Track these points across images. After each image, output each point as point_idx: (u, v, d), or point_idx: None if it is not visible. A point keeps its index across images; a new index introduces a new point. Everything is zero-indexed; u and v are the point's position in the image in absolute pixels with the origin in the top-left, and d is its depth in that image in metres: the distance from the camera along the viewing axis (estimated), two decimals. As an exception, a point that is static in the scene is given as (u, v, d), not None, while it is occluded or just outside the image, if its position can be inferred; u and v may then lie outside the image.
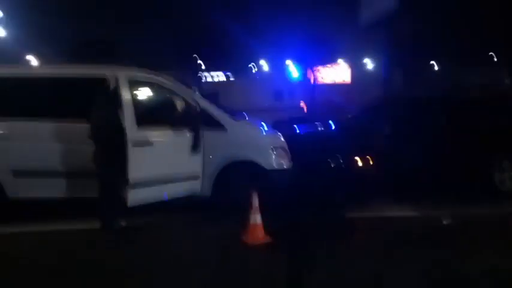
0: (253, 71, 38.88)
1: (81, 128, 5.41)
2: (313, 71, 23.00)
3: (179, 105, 5.95)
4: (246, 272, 4.43)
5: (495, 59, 32.66)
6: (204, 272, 4.37)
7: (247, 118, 6.92)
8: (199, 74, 28.59)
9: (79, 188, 5.66)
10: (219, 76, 31.76)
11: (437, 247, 4.92)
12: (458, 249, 4.85)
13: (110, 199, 5.42)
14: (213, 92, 13.81)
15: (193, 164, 5.95)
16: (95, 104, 5.35)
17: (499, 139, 6.88)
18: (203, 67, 34.21)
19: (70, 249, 4.96)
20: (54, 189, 5.74)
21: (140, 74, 5.96)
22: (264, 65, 37.91)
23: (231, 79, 17.34)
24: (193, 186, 6.00)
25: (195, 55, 32.82)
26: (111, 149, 5.36)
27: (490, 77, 28.91)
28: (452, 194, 6.62)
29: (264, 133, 6.59)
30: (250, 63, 37.29)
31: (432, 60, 35.14)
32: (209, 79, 30.44)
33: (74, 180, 5.69)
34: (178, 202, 6.00)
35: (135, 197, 5.50)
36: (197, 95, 6.14)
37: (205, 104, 6.11)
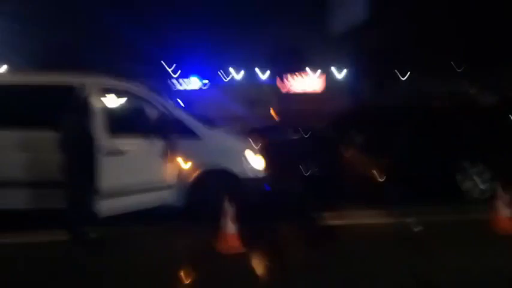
0: (224, 79, 38.95)
1: (49, 136, 5.27)
2: (284, 80, 23.20)
3: (151, 113, 5.90)
4: (220, 281, 4.42)
5: (458, 70, 33.81)
6: (178, 283, 4.33)
7: (220, 126, 6.91)
8: (169, 82, 28.39)
9: (47, 198, 5.50)
10: (189, 83, 31.60)
11: (405, 250, 5.05)
12: (425, 253, 4.99)
13: (80, 210, 5.29)
14: (184, 99, 13.70)
15: (167, 173, 5.90)
16: (65, 113, 5.24)
17: (462, 144, 7.10)
18: (173, 75, 33.99)
19: (38, 263, 4.82)
20: (21, 200, 5.57)
21: (111, 82, 5.88)
22: (234, 73, 38.02)
23: (203, 87, 17.27)
24: (166, 196, 5.94)
25: (162, 61, 32.54)
26: (81, 159, 5.25)
27: (452, 87, 29.90)
28: (420, 198, 6.78)
29: (238, 141, 6.60)
30: (219, 71, 37.31)
31: (398, 69, 36.02)
32: (179, 87, 30.25)
33: (42, 191, 5.53)
34: (151, 212, 5.92)
35: (106, 207, 5.41)
36: (170, 104, 6.10)
37: (178, 112, 6.08)
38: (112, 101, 5.89)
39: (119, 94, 5.97)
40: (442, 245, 5.24)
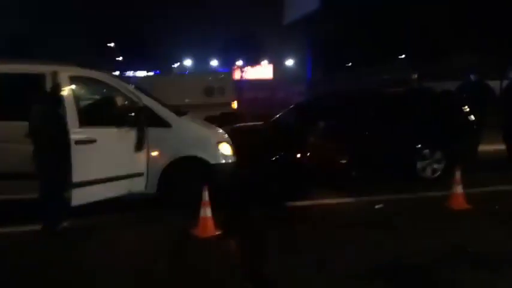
0: (177, 70, 38.54)
1: (19, 126, 5.16)
2: (240, 69, 23.34)
3: (122, 102, 5.87)
4: (199, 264, 4.54)
5: (401, 56, 35.24)
6: (157, 268, 4.41)
7: (189, 114, 6.95)
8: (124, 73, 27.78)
9: (18, 189, 5.38)
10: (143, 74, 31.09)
11: (371, 229, 5.40)
12: (389, 229, 5.37)
13: (52, 199, 5.23)
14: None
15: (138, 161, 5.90)
16: (35, 102, 5.14)
17: (419, 130, 7.57)
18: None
19: (11, 253, 4.75)
20: None
21: (82, 71, 5.78)
22: (189, 63, 37.72)
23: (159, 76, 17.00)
24: (138, 184, 5.94)
25: (111, 45, 31.75)
26: (52, 148, 5.18)
27: (399, 74, 31.23)
28: (381, 182, 7.22)
29: (207, 128, 6.70)
30: (175, 62, 36.93)
31: (349, 59, 37.05)
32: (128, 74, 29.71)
33: (12, 181, 5.40)
34: (123, 201, 5.93)
35: (78, 196, 5.35)
36: (139, 92, 6.09)
37: (148, 100, 6.07)
38: (84, 90, 5.81)
39: (91, 83, 5.89)
40: (404, 221, 5.65)
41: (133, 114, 5.84)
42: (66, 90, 5.34)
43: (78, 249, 4.92)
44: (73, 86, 5.45)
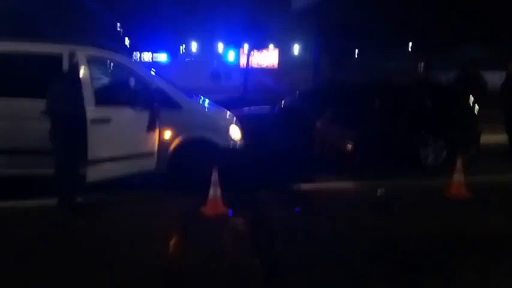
0: (183, 53, 38.48)
1: (37, 104, 5.34)
2: (247, 55, 23.34)
3: (136, 83, 6.04)
4: (210, 240, 4.75)
5: (409, 48, 35.17)
6: (168, 244, 4.61)
7: (200, 97, 7.11)
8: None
9: (36, 164, 5.60)
10: (148, 57, 31.10)
11: (373, 212, 5.62)
12: (391, 214, 5.58)
13: (68, 176, 5.44)
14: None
15: (149, 141, 6.08)
16: (53, 81, 5.31)
17: (423, 119, 7.73)
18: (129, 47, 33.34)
19: (31, 227, 4.95)
20: (10, 166, 5.63)
21: (98, 51, 5.94)
22: (195, 47, 37.67)
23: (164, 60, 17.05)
24: (148, 163, 6.12)
25: (120, 30, 31.75)
26: (69, 126, 5.37)
27: (406, 64, 31.21)
28: (386, 169, 7.40)
29: (217, 111, 6.87)
30: (181, 45, 36.87)
31: (357, 47, 36.94)
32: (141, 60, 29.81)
33: (31, 157, 5.61)
34: (135, 179, 6.13)
35: (93, 173, 5.56)
36: (152, 73, 6.25)
37: (160, 82, 6.24)
38: (100, 71, 5.98)
39: (107, 64, 6.05)
40: (404, 206, 5.85)
41: (146, 94, 6.00)
42: (83, 70, 5.51)
43: (93, 223, 5.13)
44: (90, 66, 5.61)
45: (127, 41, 34.69)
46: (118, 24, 31.49)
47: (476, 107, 8.17)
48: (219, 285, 3.82)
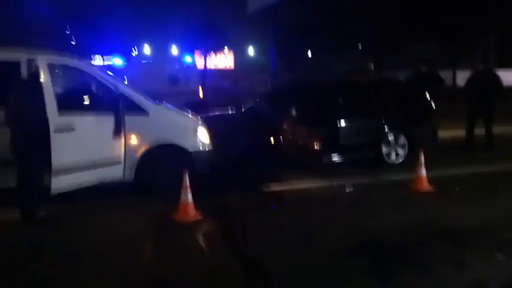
0: (134, 55, 37.74)
1: (-5, 114, 5.09)
2: (204, 57, 23.21)
3: (99, 89, 5.88)
4: (183, 246, 4.68)
5: (360, 48, 36.17)
6: (142, 251, 4.52)
7: (164, 102, 7.00)
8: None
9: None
10: (99, 60, 30.24)
11: (344, 210, 5.74)
12: (361, 210, 5.71)
13: (31, 188, 5.22)
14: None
15: (115, 149, 5.94)
16: (13, 89, 5.08)
17: (384, 116, 7.96)
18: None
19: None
20: None
21: (59, 58, 5.73)
22: (147, 49, 37.05)
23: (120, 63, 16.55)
24: (116, 172, 5.98)
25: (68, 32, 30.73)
26: (30, 136, 5.15)
27: (358, 64, 32.14)
28: (351, 166, 7.57)
29: (184, 116, 6.79)
30: (132, 47, 36.08)
31: (309, 49, 37.61)
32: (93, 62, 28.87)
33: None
34: (101, 188, 5.96)
35: (58, 184, 5.37)
36: (116, 79, 6.09)
37: (124, 88, 6.09)
38: (62, 77, 5.76)
39: (69, 70, 5.84)
40: (373, 202, 6.01)
41: (111, 101, 5.85)
42: (44, 77, 5.30)
43: (58, 236, 4.92)
44: (50, 73, 5.40)
45: (74, 43, 33.51)
46: (67, 27, 30.41)
47: (433, 103, 8.50)
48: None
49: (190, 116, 6.84)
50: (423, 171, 6.47)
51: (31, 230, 5.03)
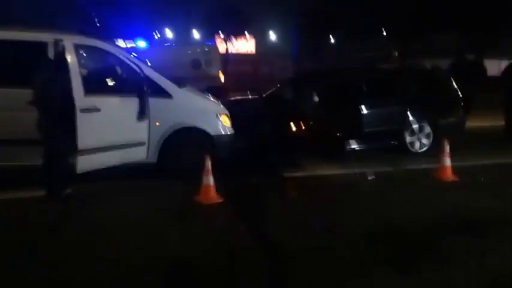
0: (156, 38, 37.81)
1: (24, 94, 5.18)
2: (226, 42, 23.14)
3: (125, 71, 5.92)
4: (206, 227, 4.75)
5: (384, 35, 35.54)
6: (162, 232, 4.57)
7: (187, 86, 7.02)
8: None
9: (24, 156, 5.44)
10: (122, 43, 30.35)
11: (364, 198, 5.71)
12: (382, 198, 5.66)
13: (57, 167, 5.32)
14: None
15: (140, 130, 5.99)
16: (39, 69, 5.16)
17: (410, 105, 7.85)
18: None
19: (20, 219, 4.83)
20: None
21: (86, 39, 5.78)
22: (169, 33, 37.10)
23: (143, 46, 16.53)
24: (140, 153, 6.05)
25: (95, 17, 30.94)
26: (57, 116, 5.23)
27: (380, 52, 31.60)
28: (373, 155, 7.51)
29: (207, 99, 6.81)
30: (154, 32, 36.14)
31: (332, 34, 37.12)
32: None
33: (19, 148, 5.45)
34: (125, 169, 6.04)
35: (83, 163, 5.46)
36: (141, 62, 6.13)
37: (149, 71, 6.13)
38: (88, 59, 5.82)
39: (95, 52, 5.90)
40: (394, 191, 5.95)
41: (136, 83, 5.90)
42: (70, 58, 5.36)
43: (84, 214, 5.03)
44: (77, 54, 5.47)
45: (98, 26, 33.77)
46: (92, 9, 30.62)
47: (460, 93, 8.33)
48: (216, 272, 3.81)
49: (212, 100, 6.86)
50: (447, 161, 6.38)
51: (56, 208, 5.14)
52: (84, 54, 5.69)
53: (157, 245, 4.26)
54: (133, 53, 6.31)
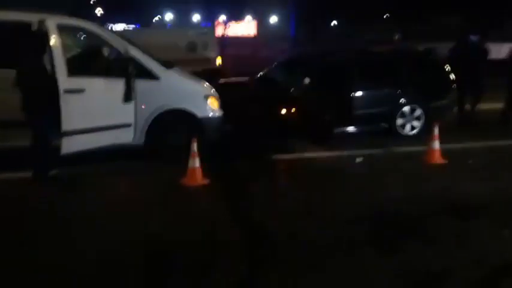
0: (155, 21, 37.58)
1: (6, 74, 5.13)
2: (224, 25, 22.92)
3: (110, 52, 5.85)
4: (190, 209, 4.76)
5: (386, 18, 35.21)
6: (147, 214, 4.57)
7: (175, 67, 6.95)
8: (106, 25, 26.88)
9: (9, 137, 5.43)
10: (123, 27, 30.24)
11: (352, 180, 5.69)
12: (369, 180, 5.65)
13: (42, 148, 5.31)
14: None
15: (126, 112, 5.94)
16: (22, 50, 5.11)
17: (400, 88, 7.78)
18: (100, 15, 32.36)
19: (8, 198, 4.86)
20: None
21: (69, 19, 5.71)
22: (170, 18, 36.85)
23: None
24: (126, 135, 6.00)
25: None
26: (40, 97, 5.20)
27: (381, 33, 31.28)
28: (362, 138, 7.47)
29: (194, 81, 6.75)
30: (156, 16, 35.97)
31: (332, 17, 36.77)
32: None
33: (3, 130, 5.43)
34: (111, 151, 6.01)
35: (67, 145, 5.43)
36: (126, 43, 6.06)
37: (136, 52, 6.05)
38: (72, 40, 5.75)
39: (77, 32, 5.82)
40: (383, 173, 5.94)
41: (121, 65, 5.83)
42: (54, 39, 5.30)
43: (69, 196, 5.04)
44: (60, 35, 5.39)
45: (99, 12, 33.64)
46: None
47: (452, 75, 8.24)
48: (199, 254, 3.81)
49: (200, 82, 6.80)
50: (436, 144, 6.33)
51: (41, 189, 5.14)
52: (68, 35, 5.60)
53: (137, 228, 4.25)
54: (122, 35, 6.21)
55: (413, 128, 7.83)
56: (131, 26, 30.40)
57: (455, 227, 4.35)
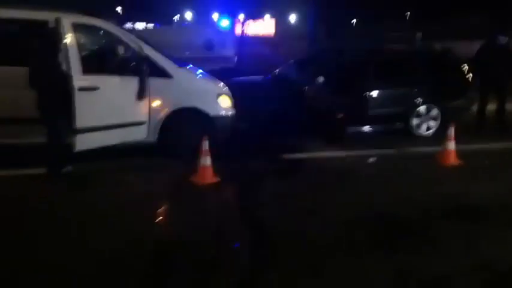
0: (175, 20, 37.84)
1: (21, 72, 5.23)
2: (242, 24, 22.88)
3: (125, 51, 5.91)
4: (200, 207, 4.78)
5: (407, 17, 34.73)
6: (157, 213, 4.59)
7: (190, 66, 7.00)
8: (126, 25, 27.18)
9: (23, 134, 5.54)
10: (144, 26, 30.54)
11: (363, 180, 5.64)
12: (380, 181, 5.58)
13: (56, 145, 5.40)
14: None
15: (139, 110, 6.01)
16: (36, 48, 5.21)
17: (417, 87, 7.66)
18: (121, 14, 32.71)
19: (19, 196, 4.93)
20: None
21: (85, 18, 5.78)
22: (190, 16, 37.09)
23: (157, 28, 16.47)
24: (139, 132, 6.08)
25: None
26: (55, 94, 5.29)
27: (401, 32, 30.84)
28: (376, 137, 7.39)
29: (208, 80, 6.78)
30: (175, 15, 36.23)
31: (354, 16, 36.44)
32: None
33: (18, 127, 5.55)
34: (124, 148, 6.07)
35: (81, 142, 5.50)
36: (141, 41, 6.12)
37: (149, 50, 6.12)
38: (87, 38, 5.83)
39: (94, 31, 5.90)
40: (395, 174, 5.86)
41: (135, 63, 5.89)
42: (69, 37, 5.38)
43: (82, 192, 5.11)
44: (76, 34, 5.47)
45: (120, 10, 34.05)
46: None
47: (470, 75, 8.07)
48: (208, 254, 3.82)
49: (213, 81, 6.82)
50: (451, 145, 6.22)
51: (55, 185, 5.22)
52: (83, 33, 5.68)
53: (148, 226, 4.28)
54: (139, 34, 6.27)
55: (429, 128, 7.71)
56: (151, 25, 30.73)
57: (463, 229, 4.27)
